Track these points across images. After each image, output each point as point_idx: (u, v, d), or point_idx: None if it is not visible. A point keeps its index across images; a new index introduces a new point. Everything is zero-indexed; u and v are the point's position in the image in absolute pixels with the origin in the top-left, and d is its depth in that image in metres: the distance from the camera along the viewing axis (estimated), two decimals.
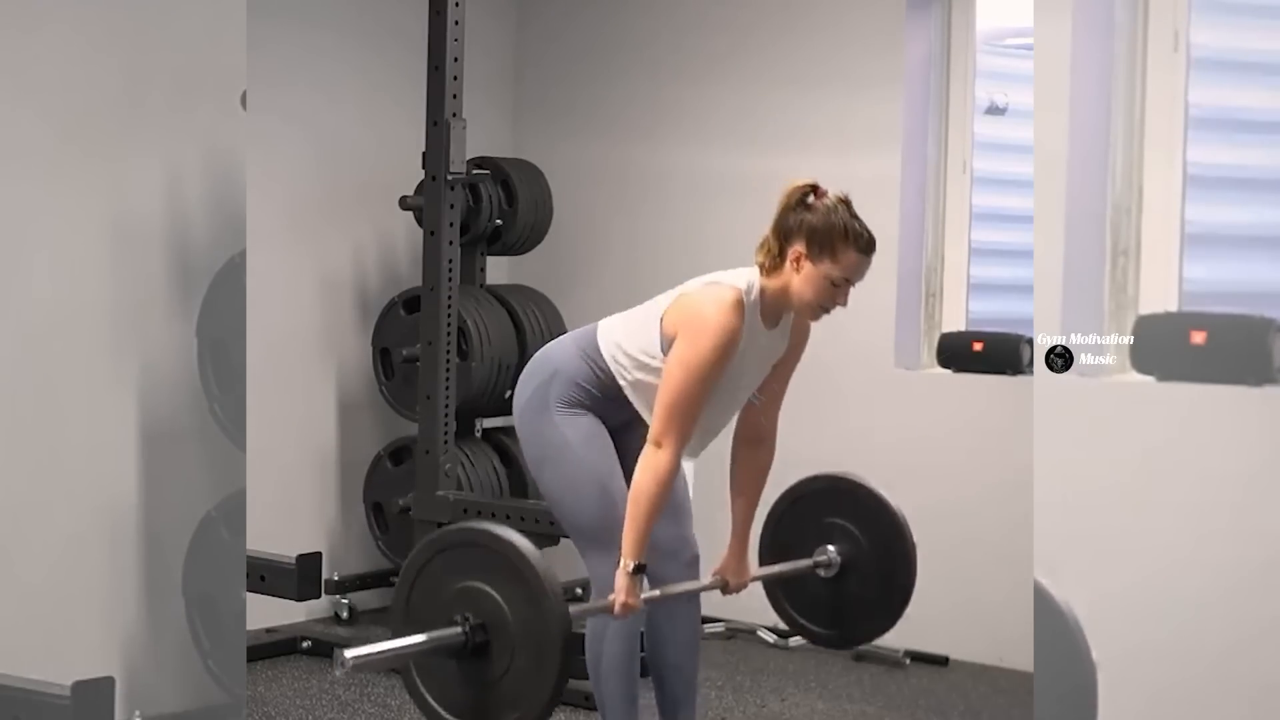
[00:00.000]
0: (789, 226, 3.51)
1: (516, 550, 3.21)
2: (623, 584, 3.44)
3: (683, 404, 3.43)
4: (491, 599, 3.21)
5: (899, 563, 4.07)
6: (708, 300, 3.47)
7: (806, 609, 4.15)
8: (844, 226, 3.49)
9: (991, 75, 5.86)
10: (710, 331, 3.42)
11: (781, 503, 4.11)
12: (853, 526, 4.07)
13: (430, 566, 3.33)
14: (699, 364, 3.42)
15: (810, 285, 3.49)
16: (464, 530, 3.40)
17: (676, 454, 3.45)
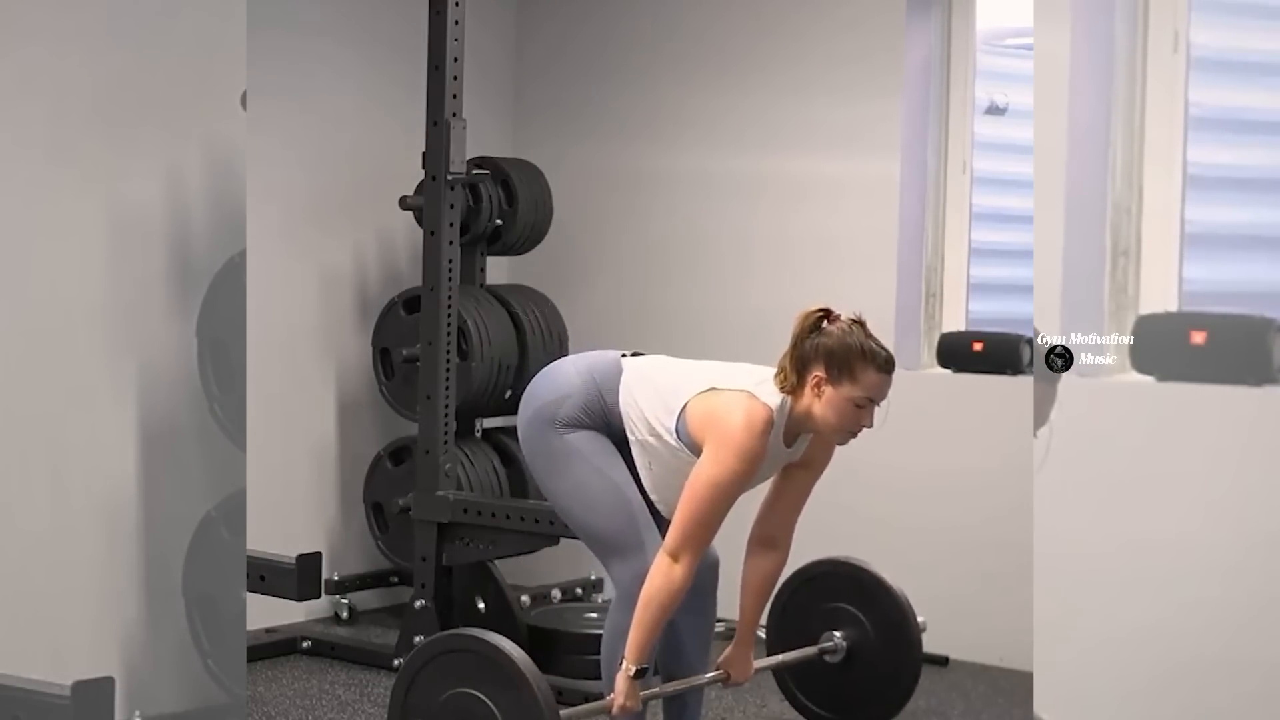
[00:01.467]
0: (805, 353, 3.52)
1: (509, 659, 3.29)
2: (622, 687, 3.48)
3: (704, 520, 3.47)
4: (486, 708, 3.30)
5: (904, 647, 4.13)
6: (740, 419, 3.47)
7: (814, 694, 4.27)
8: (860, 347, 3.50)
9: (991, 75, 5.85)
10: (739, 454, 3.44)
11: (788, 587, 4.18)
12: (858, 611, 4.13)
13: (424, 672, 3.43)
14: (723, 485, 3.46)
15: (833, 409, 3.51)
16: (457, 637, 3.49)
17: (692, 569, 3.48)
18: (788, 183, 5.79)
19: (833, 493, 4.10)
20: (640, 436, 3.59)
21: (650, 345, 4.32)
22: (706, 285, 5.96)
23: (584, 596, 5.87)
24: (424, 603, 5.03)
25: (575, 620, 5.20)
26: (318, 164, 5.70)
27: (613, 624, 3.65)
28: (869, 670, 4.17)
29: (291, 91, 5.48)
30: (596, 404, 3.62)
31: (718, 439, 3.46)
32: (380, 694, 4.81)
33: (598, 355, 3.74)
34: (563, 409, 3.62)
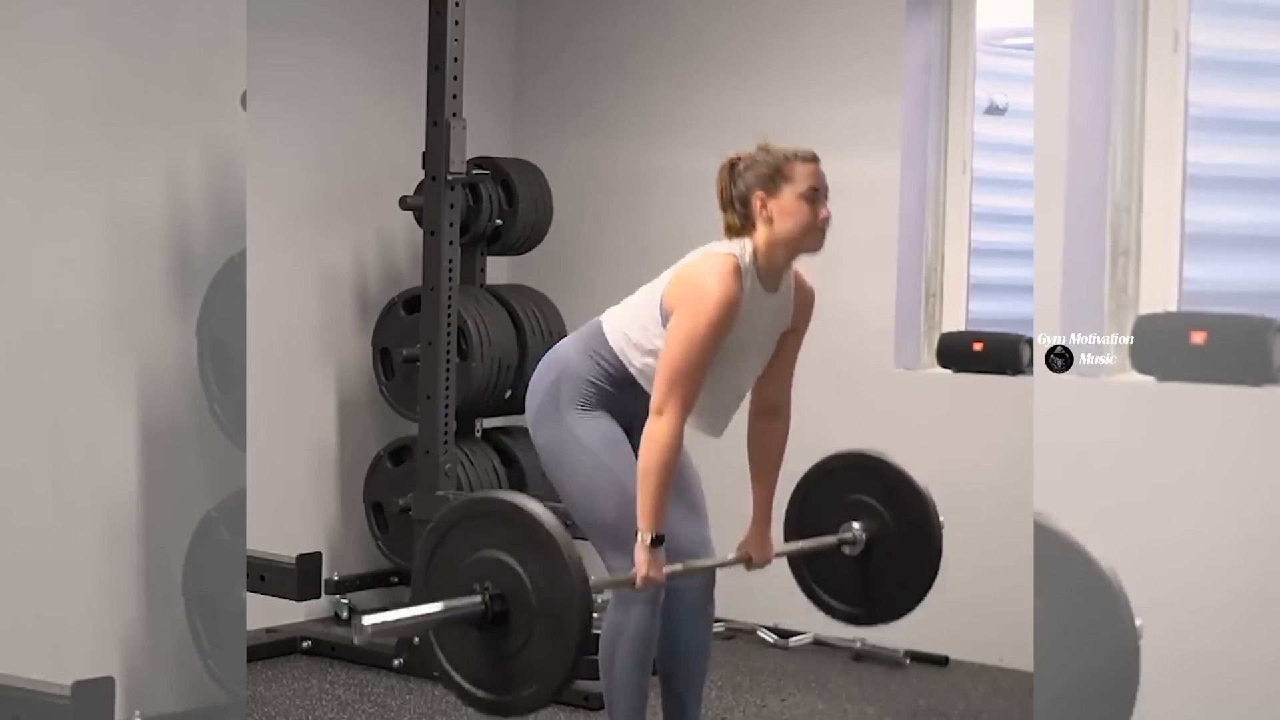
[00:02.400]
0: (740, 192, 3.61)
1: (538, 522, 3.18)
2: (643, 557, 3.45)
3: (683, 372, 3.45)
4: (512, 570, 3.18)
5: (925, 538, 4.02)
6: (705, 270, 3.50)
7: (832, 587, 4.09)
8: (781, 153, 3.61)
9: (991, 75, 5.86)
10: (709, 299, 3.45)
11: (805, 482, 4.07)
12: (877, 503, 4.03)
13: (451, 534, 3.29)
14: (699, 332, 3.45)
15: (788, 216, 3.56)
16: (486, 500, 3.38)
17: (678, 421, 3.46)
18: None
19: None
20: (639, 364, 3.59)
21: None
22: None
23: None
24: None
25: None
26: (318, 164, 5.70)
27: (609, 624, 3.65)
28: (887, 563, 4.02)
29: (292, 92, 5.48)
30: (593, 366, 3.61)
31: (688, 295, 3.49)
32: (380, 694, 4.81)
33: (580, 329, 3.76)
34: (564, 384, 3.62)
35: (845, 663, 5.33)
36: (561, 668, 3.15)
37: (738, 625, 5.58)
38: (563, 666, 3.15)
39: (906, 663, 5.31)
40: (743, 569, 3.86)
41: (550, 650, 3.15)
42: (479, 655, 3.25)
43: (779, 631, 5.54)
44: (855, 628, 4.25)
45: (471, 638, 3.23)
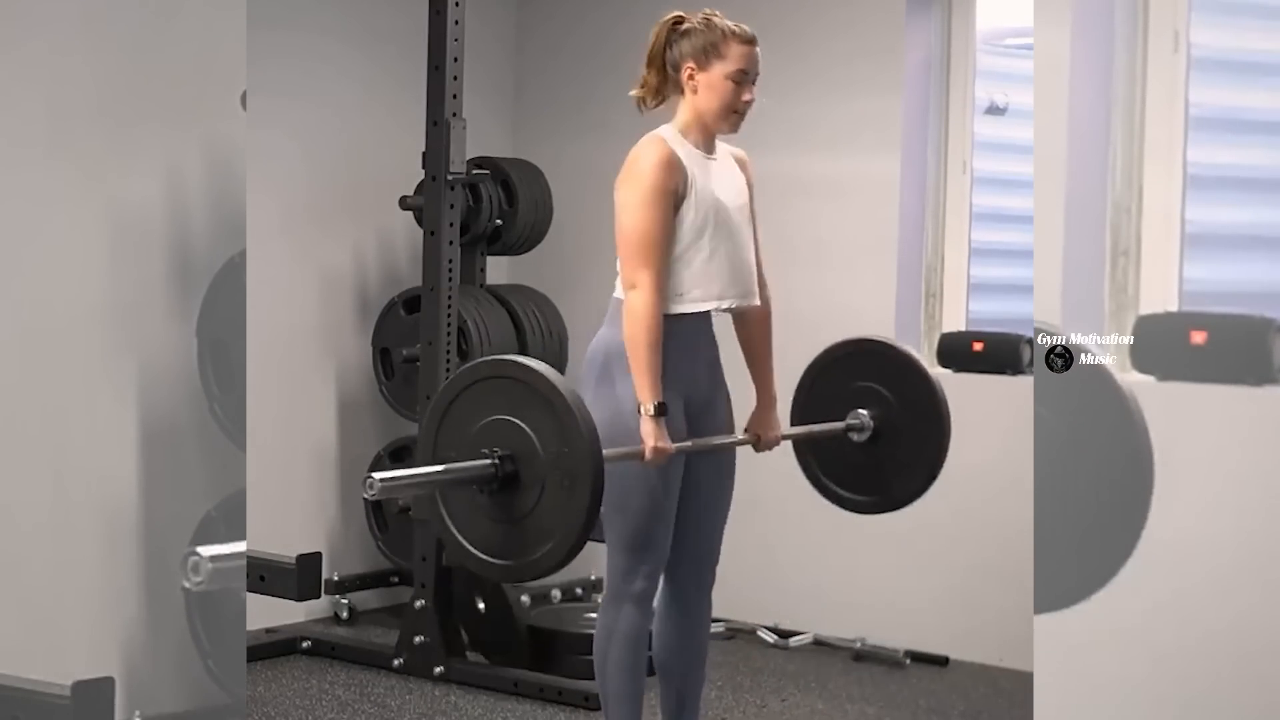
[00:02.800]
0: (672, 57, 3.63)
1: (544, 379, 3.15)
2: (649, 429, 3.41)
3: (640, 236, 3.49)
4: (520, 430, 3.14)
5: (933, 421, 3.94)
6: (630, 154, 3.56)
7: (840, 475, 4.01)
8: (721, 28, 3.61)
9: (991, 75, 5.85)
10: (641, 165, 3.51)
11: (810, 372, 4.01)
12: (883, 389, 3.97)
13: (456, 404, 3.25)
14: (642, 194, 3.50)
15: (712, 91, 3.59)
16: (488, 364, 3.32)
17: (652, 288, 3.47)
18: (787, 182, 5.78)
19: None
20: None
21: None
22: None
23: (584, 596, 5.87)
24: (424, 603, 5.03)
25: (575, 620, 5.20)
26: (318, 164, 5.70)
27: (601, 624, 3.64)
28: (895, 448, 3.97)
29: (292, 91, 5.48)
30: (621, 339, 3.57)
31: (624, 179, 3.56)
32: (380, 694, 4.81)
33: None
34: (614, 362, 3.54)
35: (845, 663, 5.33)
36: (576, 523, 3.10)
37: (738, 625, 5.58)
38: (577, 522, 3.09)
39: (906, 663, 5.31)
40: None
41: (564, 505, 3.10)
42: (491, 521, 3.20)
43: (779, 631, 5.54)
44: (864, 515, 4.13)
45: (482, 504, 3.19)
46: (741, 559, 4.28)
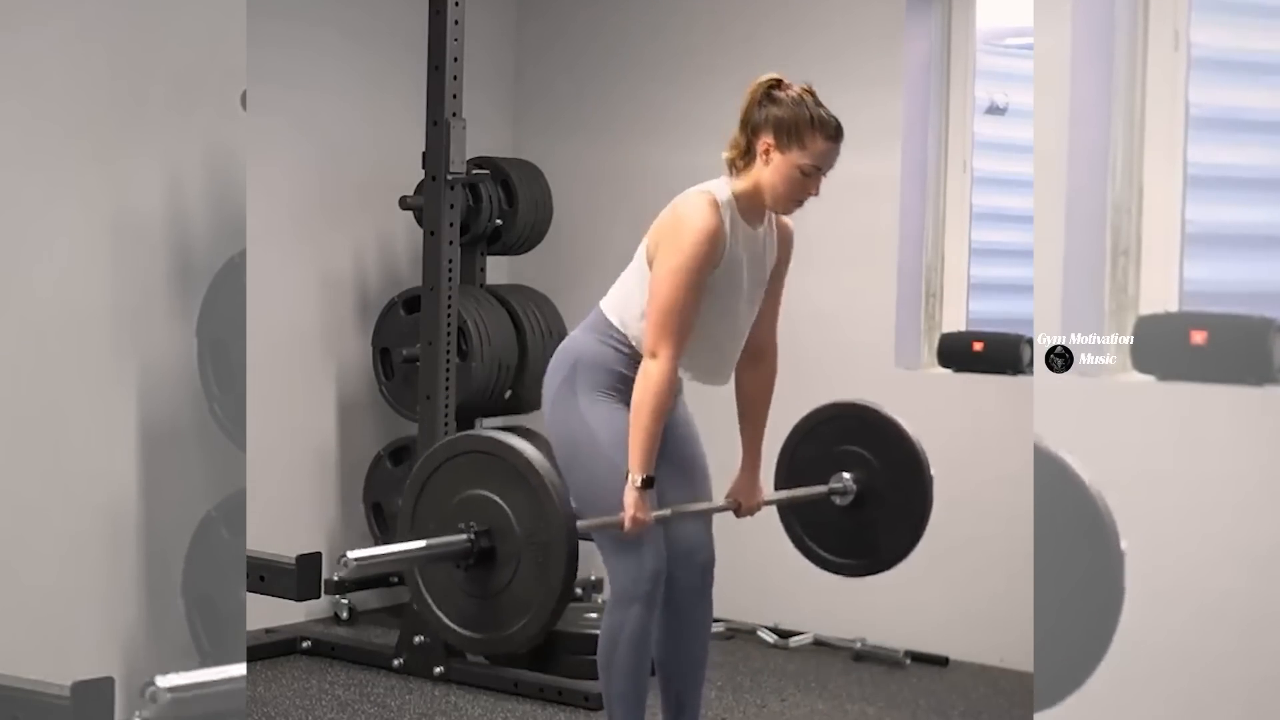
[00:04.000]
0: (756, 120, 3.56)
1: (520, 456, 3.18)
2: (632, 498, 3.43)
3: (673, 310, 3.44)
4: (496, 506, 3.18)
5: (915, 488, 3.99)
6: (682, 209, 3.50)
7: (822, 537, 4.06)
8: (810, 115, 3.54)
9: (991, 75, 5.85)
10: (689, 233, 3.44)
11: (795, 433, 4.05)
12: (867, 453, 4.00)
13: (435, 478, 3.29)
14: (683, 267, 3.44)
15: (780, 176, 3.53)
16: (467, 438, 3.38)
17: (673, 361, 3.44)
18: None
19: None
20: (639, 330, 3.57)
21: None
22: None
23: (584, 596, 5.87)
24: None
25: (575, 620, 5.20)
26: (318, 164, 5.70)
27: (608, 625, 3.64)
28: (878, 513, 4.01)
29: (292, 91, 5.48)
30: (605, 350, 3.58)
31: (668, 234, 3.48)
32: (380, 694, 4.81)
33: (587, 319, 3.74)
34: (579, 373, 3.58)
35: (845, 663, 5.33)
36: (550, 598, 3.13)
37: (738, 625, 5.58)
38: (551, 597, 3.13)
39: (906, 663, 5.31)
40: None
41: (538, 582, 3.14)
42: (467, 595, 3.23)
43: (779, 631, 5.54)
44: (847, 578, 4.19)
45: (458, 579, 3.22)
46: (741, 559, 4.28)
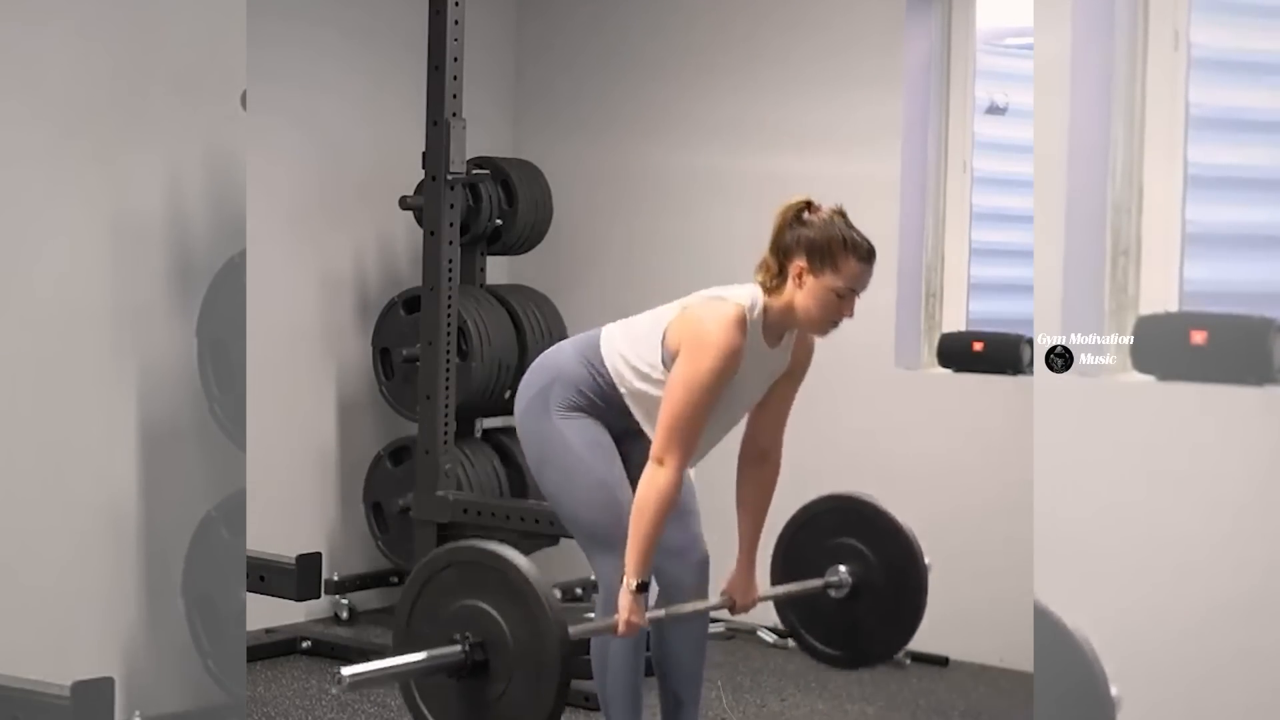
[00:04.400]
0: (787, 243, 3.52)
1: (516, 570, 3.22)
2: (626, 603, 3.45)
3: (685, 422, 3.44)
4: (491, 618, 3.21)
5: (910, 583, 4.07)
6: (711, 317, 3.47)
7: (818, 629, 4.15)
8: (842, 237, 3.50)
9: (991, 75, 5.85)
10: (712, 349, 3.43)
11: (792, 524, 4.12)
12: (863, 547, 4.08)
13: (432, 584, 3.33)
14: (700, 382, 3.43)
15: (814, 299, 3.50)
16: (465, 548, 3.40)
17: (679, 471, 3.46)
18: (787, 182, 5.77)
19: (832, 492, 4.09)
20: (631, 387, 3.58)
21: None
22: (706, 285, 5.93)
23: (584, 596, 5.87)
24: None
25: (575, 620, 5.19)
26: (318, 164, 5.70)
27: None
28: (873, 606, 4.07)
29: (292, 91, 5.48)
30: (587, 377, 3.60)
31: (691, 340, 3.46)
32: (380, 694, 4.81)
33: (582, 335, 3.75)
34: (555, 391, 3.62)
35: None
36: (543, 712, 3.16)
37: (738, 625, 5.58)
38: (544, 711, 3.16)
39: (906, 663, 5.31)
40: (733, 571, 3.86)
41: (530, 699, 3.17)
42: (460, 705, 3.26)
43: (779, 631, 5.54)
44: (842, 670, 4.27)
45: (452, 688, 3.25)
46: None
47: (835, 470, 4.03)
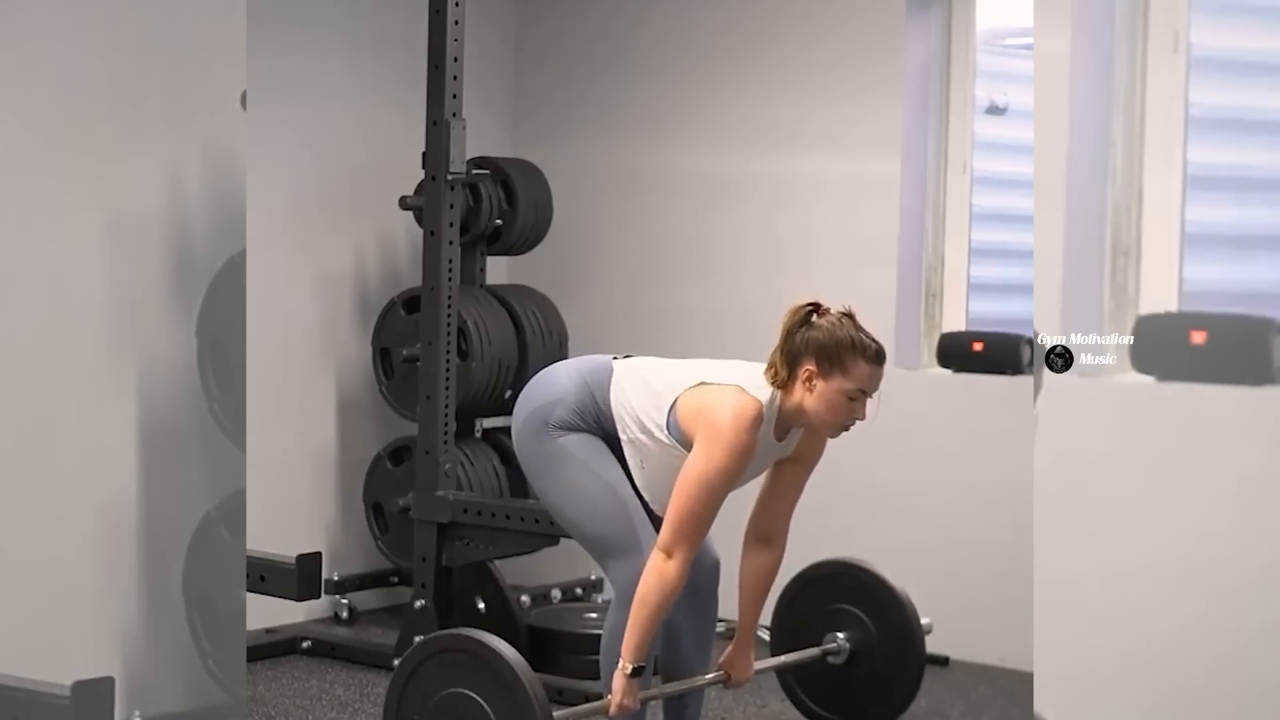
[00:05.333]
0: (796, 347, 3.52)
1: (503, 661, 3.29)
2: (620, 685, 3.48)
3: (695, 517, 3.47)
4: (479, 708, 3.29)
5: (907, 648, 4.12)
6: (729, 411, 3.47)
7: (818, 695, 4.24)
8: (850, 340, 3.50)
9: (991, 75, 5.85)
10: (727, 448, 3.44)
11: (790, 589, 4.17)
12: (861, 613, 4.12)
13: (422, 670, 3.42)
14: (713, 480, 3.45)
15: (825, 403, 3.51)
16: (454, 637, 3.49)
17: (685, 565, 3.47)
18: (787, 182, 5.79)
19: (833, 493, 4.10)
20: (632, 435, 3.59)
21: (649, 344, 4.32)
22: (706, 285, 5.96)
23: (584, 596, 5.87)
24: (424, 603, 5.03)
25: (575, 620, 5.20)
26: (318, 164, 5.70)
27: (611, 624, 3.65)
28: (872, 671, 4.17)
29: (292, 91, 5.48)
30: (590, 407, 3.62)
31: (707, 434, 3.46)
32: (380, 694, 4.80)
33: (589, 359, 3.75)
34: (555, 412, 3.63)
35: None
36: None
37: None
38: None
39: None
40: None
41: None
42: None
43: None
44: None
45: None
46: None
47: (834, 471, 4.02)
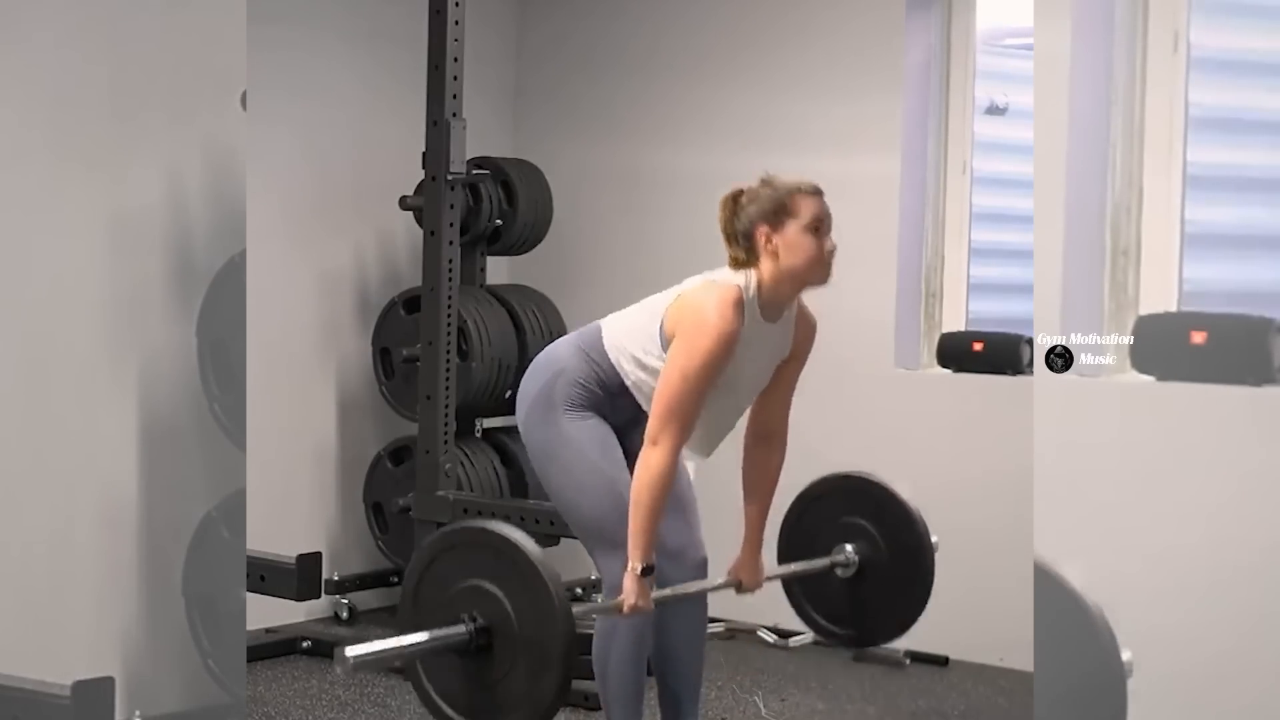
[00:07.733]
0: (743, 226, 3.57)
1: (523, 554, 3.21)
2: (630, 586, 3.45)
3: (679, 403, 3.45)
4: (497, 600, 3.20)
5: (917, 561, 4.05)
6: (707, 300, 3.48)
7: (825, 609, 4.13)
8: (784, 186, 3.55)
9: (991, 75, 5.86)
10: (708, 332, 3.44)
11: (799, 503, 4.10)
12: (870, 525, 4.06)
13: (438, 562, 3.32)
14: (696, 364, 3.44)
15: (794, 250, 3.53)
16: (473, 529, 3.40)
17: (673, 452, 3.46)
18: None
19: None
20: (635, 378, 3.59)
21: None
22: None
23: (584, 596, 5.87)
24: None
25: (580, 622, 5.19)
26: (318, 164, 5.70)
27: (601, 625, 3.65)
28: (880, 584, 4.06)
29: (292, 91, 5.48)
30: (590, 371, 3.61)
31: (688, 324, 3.48)
32: (380, 694, 4.81)
33: (577, 331, 3.76)
34: (559, 385, 3.62)
35: (845, 663, 5.33)
36: (545, 699, 3.17)
37: (738, 625, 5.58)
38: (546, 698, 3.17)
39: (906, 663, 5.31)
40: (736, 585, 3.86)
41: (534, 681, 3.18)
42: (464, 683, 3.26)
43: (779, 631, 5.54)
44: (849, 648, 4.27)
45: (456, 666, 3.25)
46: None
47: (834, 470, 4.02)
